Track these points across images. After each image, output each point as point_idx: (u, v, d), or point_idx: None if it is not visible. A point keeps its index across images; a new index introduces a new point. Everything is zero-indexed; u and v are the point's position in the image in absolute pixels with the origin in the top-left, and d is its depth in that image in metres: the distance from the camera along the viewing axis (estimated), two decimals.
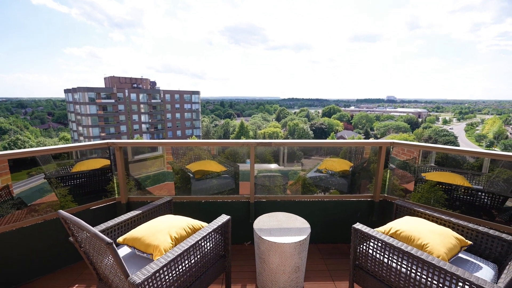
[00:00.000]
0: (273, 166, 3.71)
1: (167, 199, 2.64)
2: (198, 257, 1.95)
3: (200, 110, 68.98)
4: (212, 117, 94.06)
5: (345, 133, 67.59)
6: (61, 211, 1.67)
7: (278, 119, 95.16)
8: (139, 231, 2.00)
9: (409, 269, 1.77)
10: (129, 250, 2.06)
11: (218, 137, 68.90)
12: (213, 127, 76.16)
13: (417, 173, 3.06)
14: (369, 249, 2.05)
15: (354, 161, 3.41)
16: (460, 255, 2.03)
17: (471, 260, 2.00)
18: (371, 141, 3.20)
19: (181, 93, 64.48)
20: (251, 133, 64.01)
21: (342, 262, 2.89)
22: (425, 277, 1.70)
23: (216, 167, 3.52)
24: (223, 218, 2.21)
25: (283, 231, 2.37)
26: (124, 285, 1.61)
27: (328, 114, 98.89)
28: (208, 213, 3.08)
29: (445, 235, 1.96)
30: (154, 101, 60.09)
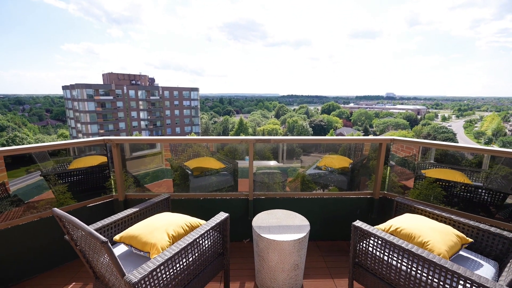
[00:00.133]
0: (272, 163, 3.68)
1: (165, 196, 2.60)
2: (196, 255, 1.93)
3: (199, 107, 68.76)
4: (211, 114, 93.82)
5: (344, 130, 67.61)
6: (56, 209, 1.64)
7: (277, 116, 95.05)
8: (136, 229, 1.97)
9: (410, 267, 1.76)
10: (126, 248, 2.03)
11: (217, 134, 68.85)
12: (212, 124, 76.01)
13: (417, 170, 3.03)
14: (369, 247, 2.02)
15: (353, 158, 3.39)
16: (460, 252, 2.01)
17: (472, 257, 1.98)
18: (371, 137, 3.17)
19: (180, 90, 64.21)
20: (250, 130, 63.94)
21: (341, 259, 2.88)
22: (425, 275, 1.68)
23: (214, 164, 3.49)
24: (222, 215, 2.19)
25: (282, 229, 2.35)
26: (120, 284, 1.58)
27: (327, 111, 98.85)
28: (206, 210, 3.05)
29: (446, 232, 1.94)
30: (152, 98, 59.85)
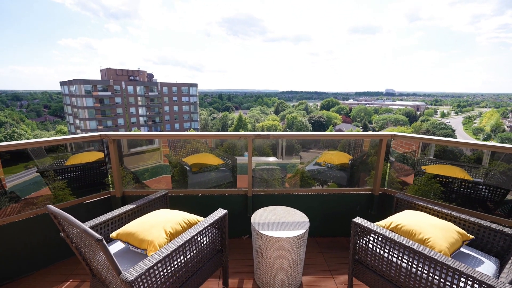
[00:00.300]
0: (272, 159, 3.65)
1: (163, 192, 2.57)
2: (194, 252, 1.90)
3: (198, 103, 68.46)
4: (210, 110, 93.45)
5: (343, 126, 67.58)
6: (50, 206, 1.60)
7: (276, 112, 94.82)
8: (133, 226, 1.94)
9: (410, 264, 1.74)
10: (123, 245, 2.01)
11: (216, 130, 68.66)
12: (211, 120, 75.79)
13: (417, 166, 3.01)
14: (369, 244, 2.00)
15: (353, 154, 3.36)
16: (461, 249, 1.99)
17: (473, 254, 1.97)
18: (371, 133, 3.14)
19: (179, 86, 63.85)
20: (250, 126, 63.83)
21: (341, 256, 2.86)
22: (426, 272, 1.66)
23: (213, 160, 3.45)
24: (220, 212, 2.16)
25: (281, 225, 2.32)
26: (117, 281, 1.56)
27: (326, 107, 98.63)
28: (204, 207, 3.03)
29: (447, 229, 1.92)
30: (151, 93, 59.50)
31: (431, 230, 1.89)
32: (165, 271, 1.66)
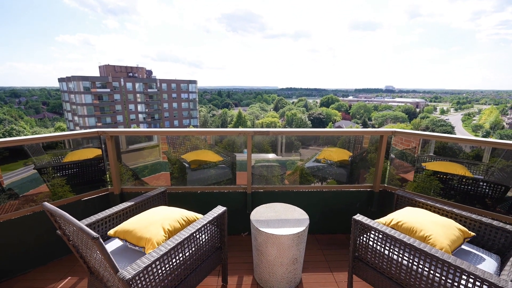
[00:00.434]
0: (271, 156, 3.63)
1: (161, 190, 2.55)
2: (193, 249, 1.89)
3: (197, 99, 68.22)
4: (209, 107, 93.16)
5: (343, 123, 67.55)
6: (46, 204, 1.57)
7: (276, 109, 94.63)
8: (131, 223, 1.92)
9: (411, 262, 1.72)
10: (120, 243, 1.99)
11: (215, 127, 68.53)
12: (210, 117, 75.60)
13: (417, 163, 2.99)
14: (369, 241, 1.99)
15: (353, 151, 3.33)
16: (462, 246, 1.98)
17: (473, 251, 1.95)
18: (372, 130, 3.11)
19: (178, 82, 63.55)
20: (249, 123, 63.73)
21: (340, 252, 2.85)
22: (427, 270, 1.64)
23: (212, 157, 3.43)
24: (219, 209, 2.14)
25: (281, 223, 2.30)
26: (114, 279, 1.54)
27: (326, 104, 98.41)
28: (203, 204, 3.01)
29: (448, 226, 1.90)
30: (150, 90, 59.22)
31: (432, 227, 1.87)
32: (163, 269, 1.64)
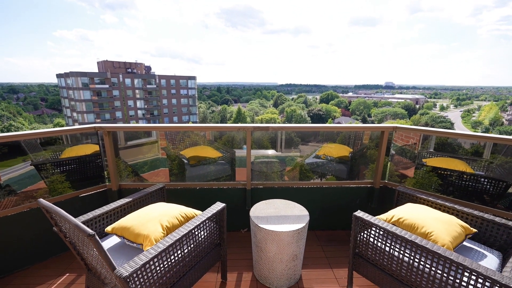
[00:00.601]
0: (271, 152, 3.60)
1: (160, 186, 2.52)
2: (191, 246, 1.86)
3: (196, 95, 67.90)
4: (209, 103, 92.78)
5: (342, 119, 67.44)
6: (41, 200, 1.54)
7: (275, 105, 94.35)
8: (128, 220, 1.89)
9: (412, 258, 1.70)
10: (118, 239, 1.96)
11: (215, 123, 68.29)
12: (210, 113, 75.35)
13: (418, 159, 2.96)
14: (370, 237, 1.97)
15: (353, 147, 3.31)
16: (463, 243, 1.96)
17: (475, 248, 1.94)
18: (373, 125, 3.08)
19: (177, 78, 63.18)
20: (248, 119, 63.57)
21: (340, 249, 2.84)
22: (429, 267, 1.63)
23: (211, 153, 3.40)
24: (218, 205, 2.11)
25: (280, 219, 2.28)
26: (112, 277, 1.51)
27: (326, 100, 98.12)
28: (202, 200, 2.98)
29: (450, 223, 1.88)
30: (149, 86, 58.87)
31: (433, 223, 1.85)
32: (161, 266, 1.62)
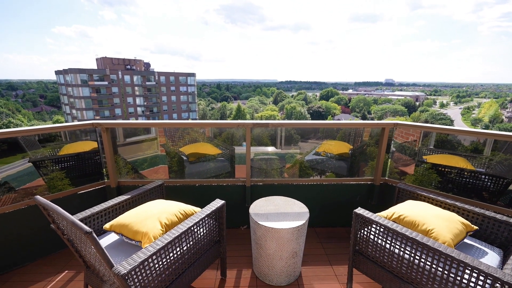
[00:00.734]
0: (270, 149, 3.58)
1: (159, 183, 2.50)
2: (190, 243, 1.85)
3: (196, 93, 67.66)
4: (208, 100, 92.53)
5: (342, 117, 67.38)
6: (38, 197, 1.52)
7: (275, 102, 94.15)
8: (127, 217, 1.87)
9: (413, 256, 1.69)
10: (117, 237, 1.95)
11: (214, 120, 68.07)
12: (209, 110, 75.19)
13: (419, 155, 2.95)
14: (370, 234, 1.96)
15: (353, 144, 3.29)
16: (464, 240, 1.95)
17: (476, 245, 1.93)
18: (374, 122, 3.06)
19: (177, 75, 62.89)
20: (248, 117, 63.45)
21: (340, 246, 2.83)
22: (429, 264, 1.61)
23: (211, 150, 3.38)
24: (218, 202, 2.10)
25: (280, 216, 2.27)
26: (110, 274, 1.50)
27: (325, 97, 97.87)
28: (202, 197, 2.97)
29: (451, 220, 1.87)
30: (148, 83, 58.60)
31: (434, 221, 1.84)
32: (160, 263, 1.60)
